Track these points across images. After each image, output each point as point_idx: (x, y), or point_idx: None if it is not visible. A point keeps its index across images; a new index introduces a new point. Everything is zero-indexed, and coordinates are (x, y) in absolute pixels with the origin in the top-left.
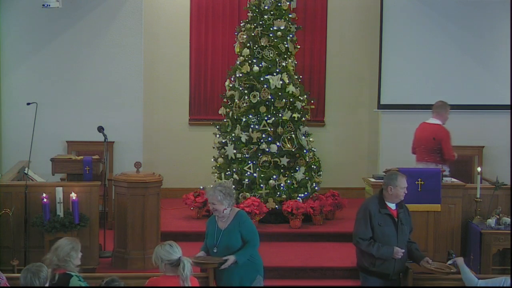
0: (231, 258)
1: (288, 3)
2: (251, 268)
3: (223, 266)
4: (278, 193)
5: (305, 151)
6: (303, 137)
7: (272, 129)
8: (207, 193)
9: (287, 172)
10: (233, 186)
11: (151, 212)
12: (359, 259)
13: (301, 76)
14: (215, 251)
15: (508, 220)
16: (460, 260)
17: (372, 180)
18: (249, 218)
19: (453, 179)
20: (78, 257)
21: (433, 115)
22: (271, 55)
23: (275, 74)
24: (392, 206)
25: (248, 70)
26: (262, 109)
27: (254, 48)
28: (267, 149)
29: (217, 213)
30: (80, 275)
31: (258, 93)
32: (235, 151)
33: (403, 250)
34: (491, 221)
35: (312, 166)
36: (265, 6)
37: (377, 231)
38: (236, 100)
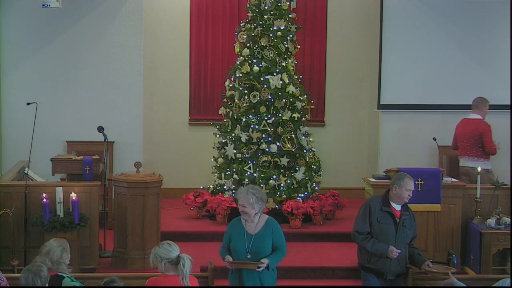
0: (265, 261)
1: (288, 3)
2: (271, 277)
3: (259, 269)
4: (278, 193)
5: (305, 151)
6: (303, 137)
7: (272, 129)
8: (238, 194)
9: (287, 172)
10: (233, 186)
11: (151, 212)
12: (358, 256)
13: (301, 76)
14: (248, 257)
15: (508, 220)
16: (450, 282)
17: (372, 180)
18: (279, 226)
19: (453, 179)
20: (68, 257)
21: (473, 111)
22: (271, 55)
23: (275, 74)
24: (397, 207)
25: (248, 70)
26: (262, 109)
27: (254, 48)
28: (267, 149)
29: (246, 217)
30: (72, 275)
31: (258, 93)
32: (235, 151)
33: (399, 251)
34: (491, 221)
35: (312, 166)
36: (265, 6)
37: (376, 227)
38: (236, 100)
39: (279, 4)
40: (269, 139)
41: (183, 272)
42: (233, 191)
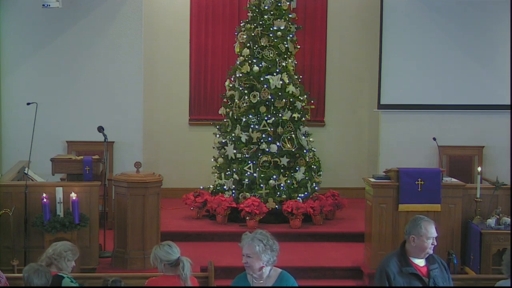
0: None
1: (288, 3)
2: None
3: None
4: (278, 193)
5: (305, 151)
6: (303, 137)
7: (272, 129)
8: (242, 240)
9: (287, 172)
10: (233, 186)
11: (151, 212)
12: None
13: (301, 76)
14: None
15: (508, 220)
16: None
17: (372, 180)
18: (296, 282)
19: (453, 179)
20: (72, 261)
21: None
22: (271, 55)
23: (275, 74)
24: (420, 262)
25: (248, 70)
26: (262, 109)
27: (254, 48)
28: (267, 149)
29: (249, 271)
30: (71, 276)
31: (258, 93)
32: (235, 151)
33: None
34: (491, 221)
35: (312, 166)
36: (265, 6)
37: None
38: (236, 100)
39: (279, 4)
40: (269, 139)
41: (183, 275)
42: (233, 191)
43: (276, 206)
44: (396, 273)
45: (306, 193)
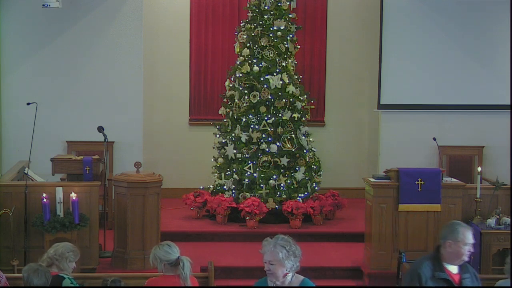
0: None
1: (288, 3)
2: None
3: None
4: (278, 193)
5: (305, 151)
6: (303, 137)
7: (272, 129)
8: (263, 247)
9: (287, 172)
10: (233, 186)
11: (151, 212)
12: None
13: (301, 76)
14: None
15: (508, 220)
16: None
17: (372, 180)
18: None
19: (453, 179)
20: (73, 262)
21: None
22: (271, 55)
23: (275, 74)
24: (453, 269)
25: (248, 70)
26: (262, 109)
27: (254, 48)
28: (267, 149)
29: (272, 278)
30: (72, 276)
31: (258, 93)
32: (235, 151)
33: None
34: (491, 221)
35: (312, 166)
36: (265, 6)
37: None
38: (236, 100)
39: (279, 4)
40: (269, 139)
41: (183, 274)
42: (233, 191)
43: (276, 206)
44: (428, 277)
45: (306, 193)
